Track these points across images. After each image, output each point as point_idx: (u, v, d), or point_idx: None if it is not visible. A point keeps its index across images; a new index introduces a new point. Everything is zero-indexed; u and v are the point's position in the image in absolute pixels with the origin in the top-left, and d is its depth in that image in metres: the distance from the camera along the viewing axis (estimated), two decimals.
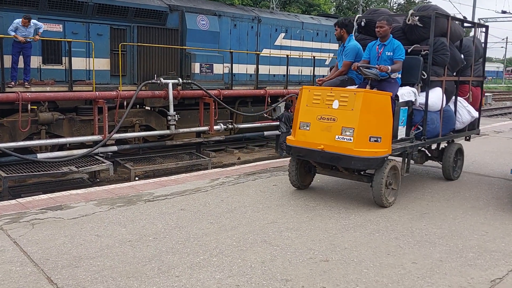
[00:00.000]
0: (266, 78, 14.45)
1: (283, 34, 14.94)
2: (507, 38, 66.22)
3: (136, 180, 8.97)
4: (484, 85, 8.67)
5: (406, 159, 6.23)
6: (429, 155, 7.50)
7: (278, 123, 13.33)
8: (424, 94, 6.26)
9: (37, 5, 9.93)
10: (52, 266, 3.88)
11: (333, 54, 16.33)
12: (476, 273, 3.99)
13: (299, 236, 4.72)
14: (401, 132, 6.06)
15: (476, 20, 42.08)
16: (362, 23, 7.04)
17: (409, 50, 6.45)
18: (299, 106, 5.83)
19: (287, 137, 6.08)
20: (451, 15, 6.94)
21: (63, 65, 10.42)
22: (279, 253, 4.27)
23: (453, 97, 7.18)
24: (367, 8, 39.35)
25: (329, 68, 16.15)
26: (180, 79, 11.47)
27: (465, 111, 7.29)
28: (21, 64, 9.64)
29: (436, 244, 4.63)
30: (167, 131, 11.42)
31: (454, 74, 7.12)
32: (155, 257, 4.11)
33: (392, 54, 5.98)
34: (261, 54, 13.93)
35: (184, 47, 12.21)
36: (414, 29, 6.60)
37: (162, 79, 11.10)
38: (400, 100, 5.92)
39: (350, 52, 6.35)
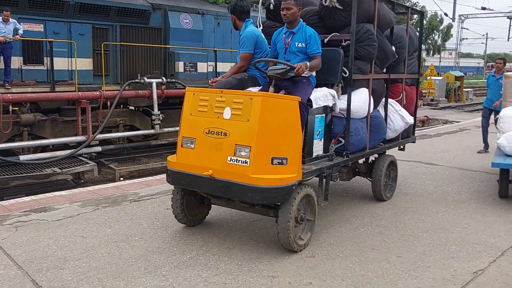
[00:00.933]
0: None
1: None
2: (487, 34, 67.23)
3: (121, 181, 8.91)
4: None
5: (325, 183, 4.74)
6: (356, 170, 6.06)
7: None
8: (345, 97, 4.92)
9: (17, 5, 9.79)
10: (36, 268, 3.84)
11: None
12: (459, 265, 4.07)
13: None
14: (318, 147, 4.69)
15: (456, 17, 42.67)
16: (271, 6, 5.70)
17: (325, 41, 5.05)
18: (181, 115, 4.44)
19: (168, 158, 4.63)
20: None
21: (44, 65, 10.29)
22: (266, 250, 4.29)
23: (383, 100, 5.90)
24: None
25: None
26: (164, 78, 11.42)
27: (397, 117, 6.02)
28: (1, 65, 9.50)
29: (419, 237, 4.71)
30: (152, 131, 11.37)
31: (384, 71, 5.88)
32: (142, 257, 4.10)
33: (304, 46, 4.63)
34: None
35: (167, 46, 12.15)
36: (332, 13, 5.19)
37: (145, 79, 11.04)
38: (314, 106, 4.49)
39: (246, 42, 4.92)
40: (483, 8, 44.25)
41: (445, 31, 59.23)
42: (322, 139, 4.75)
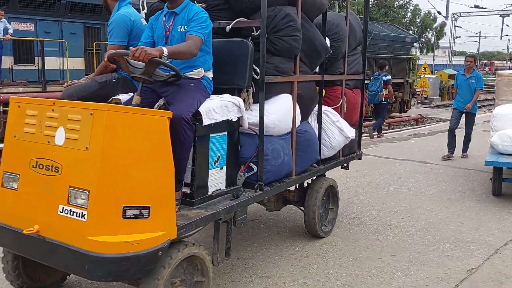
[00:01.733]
0: None
1: None
2: (480, 32, 67.57)
3: None
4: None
5: (226, 232, 3.40)
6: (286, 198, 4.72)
7: None
8: (257, 107, 3.51)
9: (7, 4, 9.70)
10: None
11: None
12: (453, 263, 4.07)
13: (279, 232, 4.73)
14: (216, 180, 3.32)
15: (450, 15, 42.88)
16: None
17: (228, 28, 3.66)
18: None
19: None
20: None
21: (35, 65, 10.21)
22: (260, 250, 4.27)
23: (316, 109, 4.47)
24: (343, 3, 39.68)
25: None
26: None
27: (335, 130, 4.62)
28: None
29: (414, 236, 4.71)
30: None
31: (316, 70, 4.44)
32: None
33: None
34: None
35: None
36: None
37: None
38: (206, 122, 3.12)
39: (116, 29, 3.57)
40: (476, 6, 44.49)
41: (439, 29, 59.48)
42: (224, 167, 3.37)
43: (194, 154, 3.10)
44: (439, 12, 39.59)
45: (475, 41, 70.80)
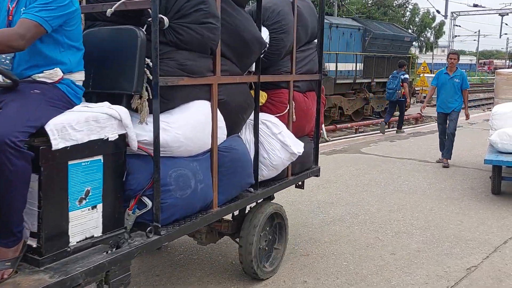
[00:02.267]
0: None
1: None
2: (479, 31, 67.61)
3: None
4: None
5: None
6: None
7: None
8: (153, 119, 2.58)
9: None
10: None
11: None
12: (452, 262, 4.08)
13: None
14: (85, 223, 2.36)
15: (449, 14, 42.87)
16: None
17: (109, 12, 2.70)
18: None
19: None
20: None
21: None
22: None
23: (250, 119, 3.52)
24: (342, 3, 39.68)
25: None
26: None
27: (276, 144, 3.61)
28: None
29: (413, 235, 4.72)
30: None
31: (252, 69, 3.55)
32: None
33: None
34: None
35: None
36: None
37: None
38: (58, 144, 2.18)
39: None
40: (475, 5, 44.50)
41: (438, 28, 59.52)
42: (100, 206, 2.41)
43: (39, 191, 2.12)
44: (438, 11, 39.56)
45: (474, 40, 70.82)
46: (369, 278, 3.74)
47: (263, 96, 3.66)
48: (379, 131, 11.32)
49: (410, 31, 43.88)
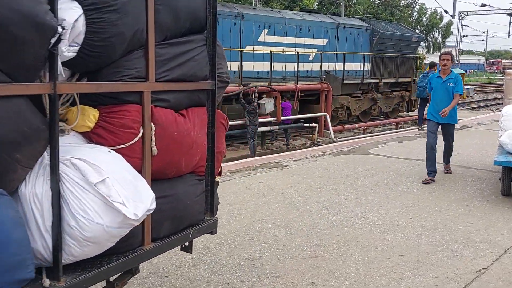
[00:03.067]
0: (250, 75, 14.43)
1: (266, 30, 14.93)
2: (487, 31, 67.17)
3: None
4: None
5: None
6: None
7: (265, 119, 13.37)
8: None
9: None
10: None
11: (317, 49, 16.38)
12: (462, 264, 4.05)
13: (287, 232, 4.73)
14: None
15: (456, 14, 42.62)
16: None
17: None
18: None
19: None
20: None
21: None
22: (268, 250, 4.28)
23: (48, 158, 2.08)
24: (349, 3, 39.56)
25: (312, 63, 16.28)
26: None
27: (93, 203, 2.11)
28: None
29: (422, 236, 4.69)
30: None
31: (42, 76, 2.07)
32: None
33: None
34: (244, 51, 13.90)
35: None
36: None
37: None
38: None
39: None
40: (483, 5, 44.23)
41: (445, 28, 59.22)
42: None
43: None
44: (445, 11, 39.40)
45: (482, 40, 70.39)
46: (378, 279, 3.73)
47: (90, 117, 2.32)
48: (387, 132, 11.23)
49: (417, 31, 43.69)
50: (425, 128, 7.37)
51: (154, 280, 3.66)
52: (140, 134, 2.43)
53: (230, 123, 12.72)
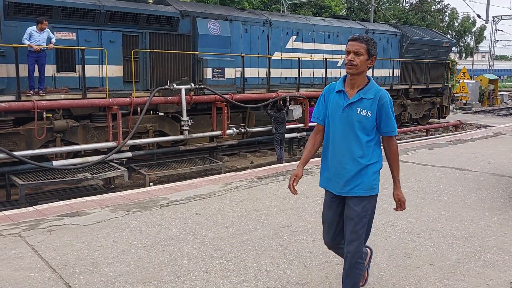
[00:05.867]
0: (278, 81, 14.44)
1: (294, 37, 14.93)
2: None
3: (151, 186, 9.02)
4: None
5: None
6: None
7: (292, 125, 13.35)
8: None
9: (50, 14, 10.06)
10: (69, 272, 3.91)
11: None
12: (495, 274, 3.94)
13: (314, 239, 4.70)
14: None
15: (490, 18, 41.58)
16: None
17: None
18: None
19: None
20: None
21: (76, 72, 10.52)
22: (295, 256, 4.25)
23: None
24: (379, 8, 39.20)
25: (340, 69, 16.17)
26: (192, 84, 11.52)
27: None
28: (36, 73, 9.77)
29: (453, 245, 4.58)
30: (181, 137, 11.47)
31: None
32: (171, 262, 4.12)
33: None
34: (272, 58, 13.93)
35: (196, 52, 12.26)
36: None
37: (175, 85, 11.16)
38: None
39: None
40: None
41: (478, 33, 57.93)
42: None
43: None
44: (478, 16, 38.47)
45: None
46: None
47: None
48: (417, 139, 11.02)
49: (449, 36, 42.89)
50: None
51: (181, 285, 3.68)
52: None
53: (258, 129, 12.86)
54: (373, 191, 3.30)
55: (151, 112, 11.59)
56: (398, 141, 15.09)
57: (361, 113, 3.09)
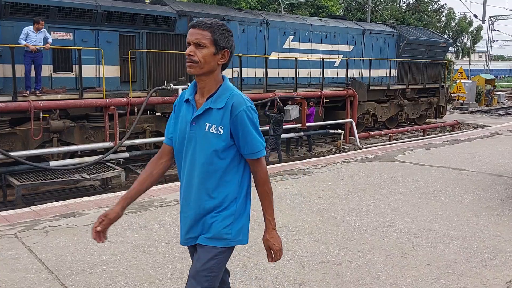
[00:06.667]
0: (275, 81, 14.45)
1: (291, 37, 14.94)
2: None
3: None
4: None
5: None
6: None
7: (290, 125, 13.35)
8: None
9: (47, 14, 10.04)
10: (66, 272, 3.90)
11: (342, 55, 16.29)
12: (492, 274, 3.94)
13: (311, 239, 4.70)
14: None
15: (486, 18, 41.72)
16: None
17: None
18: None
19: None
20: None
21: (73, 73, 10.50)
22: (292, 257, 4.25)
23: None
24: (376, 9, 39.25)
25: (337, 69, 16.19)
26: (189, 84, 11.52)
27: None
28: (32, 73, 9.74)
29: (450, 245, 4.59)
30: None
31: None
32: (168, 262, 4.12)
33: None
34: (269, 58, 13.93)
35: None
36: None
37: (172, 85, 11.15)
38: None
39: None
40: None
41: (475, 33, 58.09)
42: None
43: None
44: (475, 16, 38.56)
45: None
46: None
47: None
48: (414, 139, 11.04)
49: (446, 36, 42.99)
50: None
51: (178, 285, 3.68)
52: None
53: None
54: (222, 242, 2.34)
55: (148, 112, 11.58)
56: (395, 141, 15.14)
57: (210, 129, 2.21)
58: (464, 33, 56.78)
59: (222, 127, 2.21)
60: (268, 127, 12.16)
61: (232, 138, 2.24)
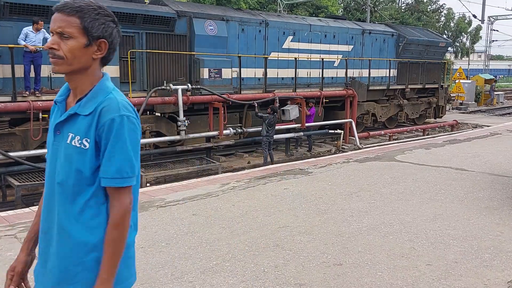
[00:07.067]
0: (274, 82, 14.45)
1: (291, 37, 14.94)
2: None
3: (148, 186, 8.99)
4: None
5: None
6: None
7: (289, 126, 13.34)
8: None
9: (46, 15, 10.03)
10: None
11: (342, 55, 16.30)
12: (493, 274, 3.94)
13: (311, 240, 4.69)
14: None
15: (486, 18, 41.75)
16: None
17: None
18: None
19: None
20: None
21: None
22: (292, 257, 4.25)
23: None
24: (375, 9, 39.25)
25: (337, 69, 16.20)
26: (189, 84, 11.50)
27: None
28: (32, 74, 9.73)
29: (450, 245, 4.59)
30: (177, 137, 11.45)
31: None
32: (168, 263, 4.11)
33: None
34: (269, 58, 13.93)
35: (192, 52, 12.24)
36: None
37: (171, 85, 11.14)
38: None
39: None
40: None
41: (474, 33, 58.13)
42: None
43: None
44: (474, 16, 38.58)
45: None
46: None
47: None
48: (414, 139, 11.04)
49: (445, 36, 43.02)
50: None
51: (178, 285, 3.67)
52: None
53: (255, 129, 12.83)
54: None
55: (148, 112, 11.57)
56: (395, 141, 15.12)
57: (73, 142, 1.68)
58: (463, 33, 56.82)
59: (88, 140, 1.66)
60: (261, 128, 12.15)
61: (98, 156, 1.67)
